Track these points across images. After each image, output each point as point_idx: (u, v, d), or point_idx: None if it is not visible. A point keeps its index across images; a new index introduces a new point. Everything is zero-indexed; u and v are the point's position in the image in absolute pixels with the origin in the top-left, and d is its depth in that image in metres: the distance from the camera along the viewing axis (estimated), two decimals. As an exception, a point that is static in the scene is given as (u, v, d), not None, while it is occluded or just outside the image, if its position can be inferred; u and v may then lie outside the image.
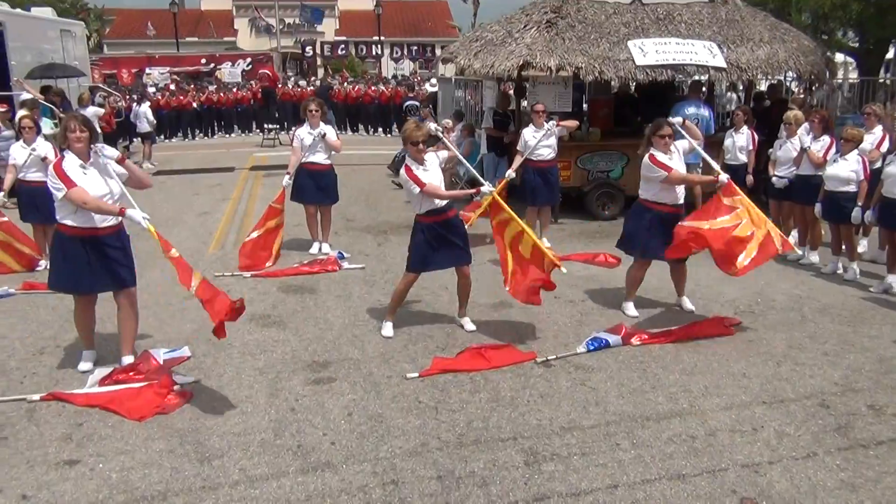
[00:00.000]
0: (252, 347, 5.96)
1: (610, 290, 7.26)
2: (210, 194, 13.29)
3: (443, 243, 5.99)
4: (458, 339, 6.08)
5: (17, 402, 5.01)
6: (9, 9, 15.01)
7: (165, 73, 30.30)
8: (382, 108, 24.15)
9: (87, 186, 5.12)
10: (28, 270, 8.20)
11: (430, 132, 6.04)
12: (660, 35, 10.49)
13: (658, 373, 5.41)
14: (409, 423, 4.69)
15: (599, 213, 10.54)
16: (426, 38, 44.40)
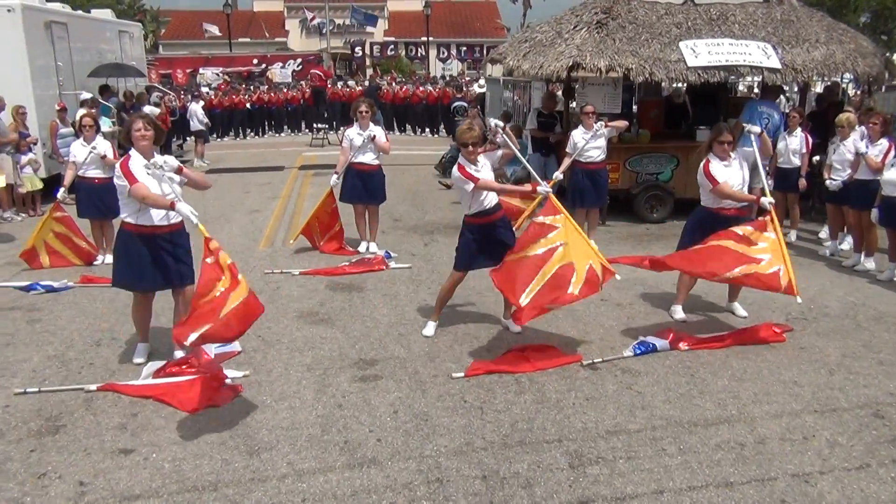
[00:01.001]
0: (300, 344, 6.05)
1: (657, 294, 7.19)
2: (260, 192, 13.52)
3: (489, 244, 6.01)
4: (503, 339, 6.09)
5: (76, 391, 5.17)
6: (70, 10, 15.47)
7: (218, 73, 30.90)
8: (430, 109, 24.26)
9: (149, 184, 5.27)
10: (86, 264, 8.45)
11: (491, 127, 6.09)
12: (713, 36, 10.34)
13: (706, 378, 5.34)
14: (454, 422, 4.72)
15: (648, 215, 10.43)
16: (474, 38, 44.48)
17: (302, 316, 6.71)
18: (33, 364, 5.70)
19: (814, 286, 7.43)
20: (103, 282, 7.62)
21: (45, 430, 4.65)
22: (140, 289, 5.60)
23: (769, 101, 10.34)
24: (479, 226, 5.99)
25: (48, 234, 8.36)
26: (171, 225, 5.44)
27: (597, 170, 8.83)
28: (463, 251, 6.08)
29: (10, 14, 11.89)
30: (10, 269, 8.40)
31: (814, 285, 7.47)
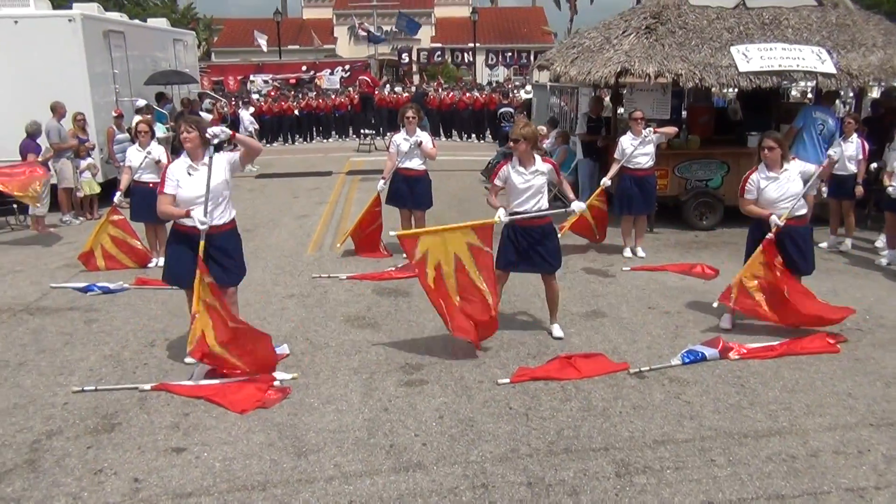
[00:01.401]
0: (347, 348, 6.12)
1: (707, 303, 7.07)
2: (308, 197, 13.70)
3: (528, 248, 6.02)
4: (549, 346, 6.07)
5: (130, 390, 5.32)
6: (127, 20, 15.93)
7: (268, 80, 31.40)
8: (476, 115, 24.30)
9: (188, 187, 5.45)
10: (140, 267, 8.67)
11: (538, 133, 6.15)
12: (765, 40, 10.16)
13: (757, 389, 5.24)
14: (499, 428, 4.72)
15: (697, 223, 10.28)
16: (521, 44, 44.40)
17: (349, 320, 6.79)
18: (90, 363, 5.88)
19: (870, 296, 7.25)
20: (157, 284, 7.82)
21: (102, 427, 4.79)
22: (182, 286, 5.75)
23: (824, 107, 10.13)
24: (515, 227, 6.04)
25: (104, 237, 8.62)
26: (215, 227, 5.54)
27: (645, 176, 8.75)
28: (499, 250, 6.16)
29: (70, 24, 12.30)
30: (69, 271, 8.67)
31: (870, 295, 7.28)
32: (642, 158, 8.67)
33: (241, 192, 14.39)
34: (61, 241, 10.24)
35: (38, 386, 5.45)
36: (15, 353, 6.12)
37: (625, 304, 7.14)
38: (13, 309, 7.33)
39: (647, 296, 7.38)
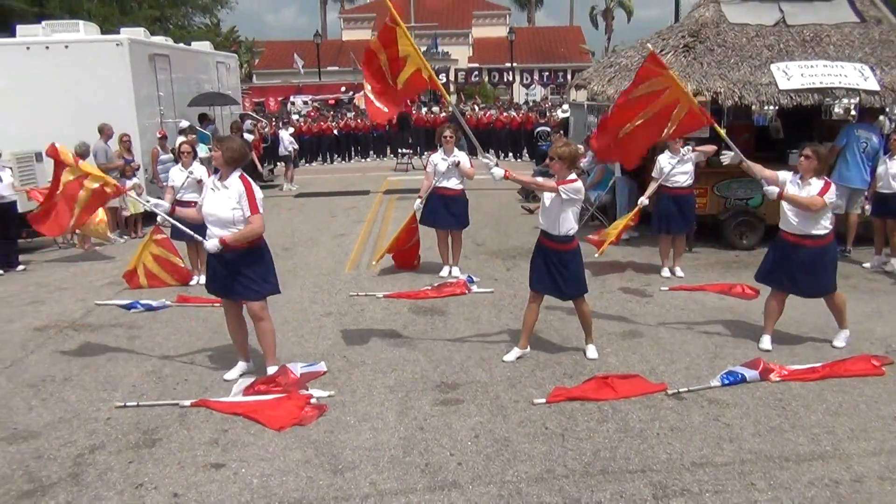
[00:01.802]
0: (384, 366, 6.15)
1: (746, 323, 6.98)
2: (346, 216, 13.84)
3: (552, 270, 5.98)
4: (585, 366, 6.03)
5: (171, 406, 5.41)
6: (172, 43, 16.36)
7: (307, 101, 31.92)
8: (513, 134, 24.35)
9: (208, 202, 5.64)
10: (182, 285, 8.83)
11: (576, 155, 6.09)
12: (806, 58, 10.04)
13: (799, 412, 5.14)
14: (535, 448, 4.70)
15: (737, 242, 10.14)
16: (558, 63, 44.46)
17: (385, 338, 6.83)
18: (133, 379, 6.00)
19: (917, 318, 7.07)
20: (198, 301, 7.97)
21: (143, 442, 4.88)
22: (208, 295, 5.93)
23: (867, 124, 9.95)
24: (540, 245, 6.06)
25: (147, 256, 8.80)
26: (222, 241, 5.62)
27: (683, 195, 8.68)
28: (530, 267, 6.18)
29: (118, 48, 12.68)
30: (113, 288, 8.88)
31: (917, 317, 7.11)
32: (681, 177, 8.60)
33: (281, 210, 14.61)
34: (106, 260, 10.49)
35: (82, 401, 5.58)
36: (60, 369, 6.27)
37: (663, 324, 7.07)
38: (59, 325, 7.52)
39: (685, 316, 7.30)
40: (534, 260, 6.16)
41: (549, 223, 5.93)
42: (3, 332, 7.33)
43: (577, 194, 5.82)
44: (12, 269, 10.02)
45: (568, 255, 5.96)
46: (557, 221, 5.86)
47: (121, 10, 30.22)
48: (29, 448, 4.85)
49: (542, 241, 6.05)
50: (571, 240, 5.95)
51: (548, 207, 5.92)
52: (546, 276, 6.02)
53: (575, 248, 6.00)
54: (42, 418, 5.30)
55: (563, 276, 5.96)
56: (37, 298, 8.61)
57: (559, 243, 5.93)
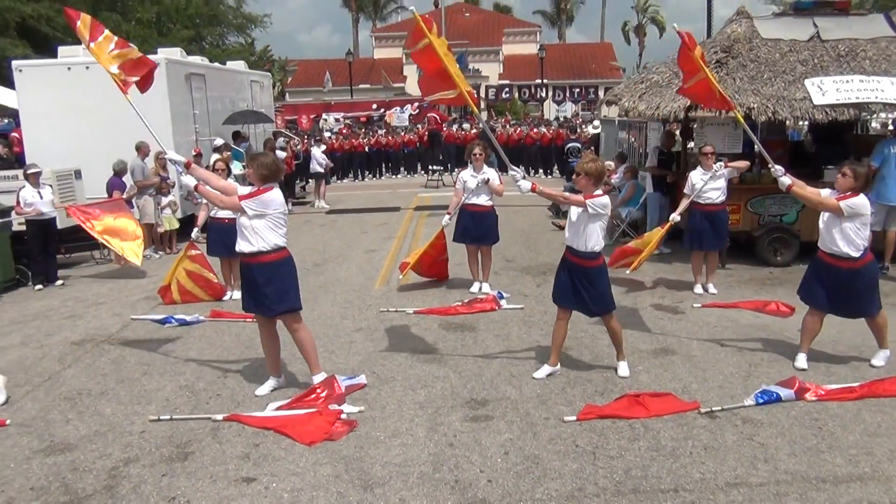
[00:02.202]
0: (413, 382, 6.16)
1: (781, 341, 6.87)
2: (376, 233, 13.92)
3: (577, 286, 5.95)
4: (616, 383, 5.98)
5: (204, 420, 5.47)
6: (208, 62, 16.66)
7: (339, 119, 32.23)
8: (544, 150, 24.34)
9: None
10: (214, 300, 8.95)
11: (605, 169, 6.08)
12: (841, 73, 9.92)
13: (836, 432, 5.04)
14: (565, 466, 4.66)
15: (771, 258, 10.01)
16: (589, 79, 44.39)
17: (415, 354, 6.84)
18: (166, 393, 6.08)
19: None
20: (232, 316, 8.07)
21: (176, 456, 4.94)
22: (245, 310, 6.03)
23: None
24: (565, 259, 6.06)
25: (181, 272, 8.93)
26: (250, 254, 5.71)
27: (716, 211, 8.59)
28: (554, 284, 6.19)
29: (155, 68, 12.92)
30: (149, 303, 9.02)
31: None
32: (713, 193, 8.52)
33: (312, 227, 14.75)
34: (142, 275, 10.66)
35: (117, 414, 5.67)
36: (97, 383, 6.38)
37: (695, 341, 6.99)
38: (96, 339, 7.65)
39: (718, 333, 7.21)
40: (558, 275, 6.14)
41: (574, 238, 5.91)
42: (42, 346, 7.48)
43: (604, 209, 5.79)
44: (51, 283, 10.24)
45: (594, 271, 5.93)
46: (583, 237, 5.84)
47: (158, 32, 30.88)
48: (65, 460, 4.93)
49: (568, 257, 6.04)
50: (597, 256, 5.92)
51: (574, 222, 5.91)
52: (571, 292, 5.99)
53: (601, 265, 5.97)
54: (78, 431, 5.39)
55: (590, 294, 5.93)
56: (75, 313, 8.78)
57: (585, 259, 5.90)
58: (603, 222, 5.89)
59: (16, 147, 16.58)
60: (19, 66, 13.37)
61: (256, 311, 5.86)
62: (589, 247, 5.85)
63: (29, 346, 7.49)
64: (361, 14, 62.69)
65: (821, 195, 6.03)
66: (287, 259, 5.82)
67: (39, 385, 6.38)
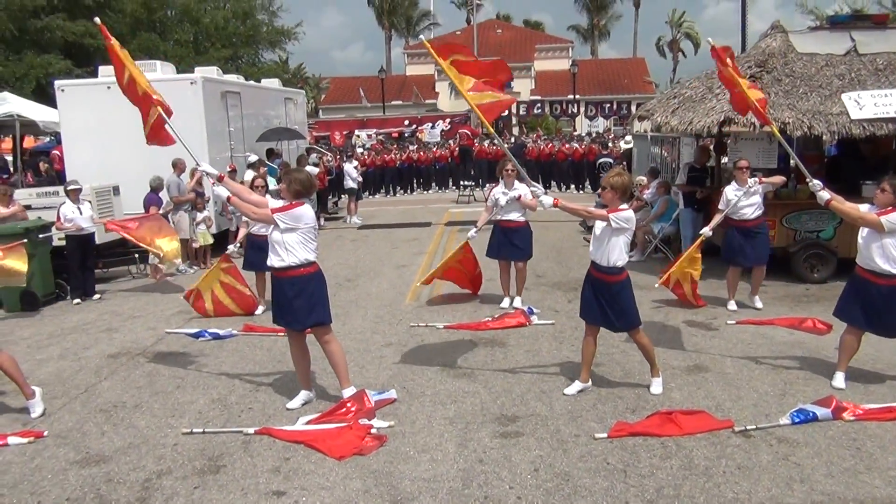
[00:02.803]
0: (443, 397, 6.15)
1: (818, 359, 6.74)
2: (407, 248, 13.97)
3: (602, 301, 5.93)
4: (648, 401, 5.91)
5: (235, 433, 5.52)
6: (243, 80, 16.94)
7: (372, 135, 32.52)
8: (575, 165, 24.27)
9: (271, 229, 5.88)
10: (247, 314, 9.04)
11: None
12: (879, 87, 9.77)
13: (874, 453, 4.92)
14: (596, 483, 4.61)
15: (808, 275, 9.84)
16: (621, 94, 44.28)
17: (445, 369, 6.84)
18: (199, 406, 6.15)
19: None
20: (264, 331, 8.14)
21: (208, 468, 4.99)
22: (275, 324, 6.13)
23: None
24: (588, 276, 6.06)
25: (215, 283, 9.05)
26: (279, 269, 5.78)
27: (751, 227, 8.47)
28: (580, 298, 6.18)
29: (192, 86, 13.21)
30: (183, 317, 9.15)
31: None
32: (747, 209, 8.40)
33: (344, 242, 14.86)
34: (177, 289, 10.81)
35: (150, 427, 5.75)
36: (131, 395, 6.48)
37: (729, 358, 6.89)
38: (131, 353, 7.78)
39: (753, 350, 7.10)
40: (584, 290, 6.14)
41: (598, 253, 5.90)
42: (80, 359, 7.62)
43: (628, 223, 5.75)
44: (89, 297, 10.44)
45: (616, 286, 5.89)
46: (606, 251, 5.82)
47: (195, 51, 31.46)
48: (100, 472, 5.01)
49: (592, 272, 6.02)
50: (620, 271, 5.88)
51: (598, 237, 5.90)
52: (595, 307, 5.97)
53: (624, 280, 5.92)
54: (113, 443, 5.47)
55: (613, 309, 5.90)
56: (111, 326, 8.93)
57: (607, 274, 5.88)
58: (627, 237, 5.85)
59: (56, 164, 17.01)
60: (62, 85, 13.73)
61: (286, 324, 5.93)
62: (612, 261, 5.82)
63: (66, 359, 7.64)
64: (394, 31, 63.33)
65: (860, 210, 5.95)
66: (317, 273, 5.88)
67: (76, 397, 6.49)
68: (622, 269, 5.89)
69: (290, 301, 5.77)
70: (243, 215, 6.91)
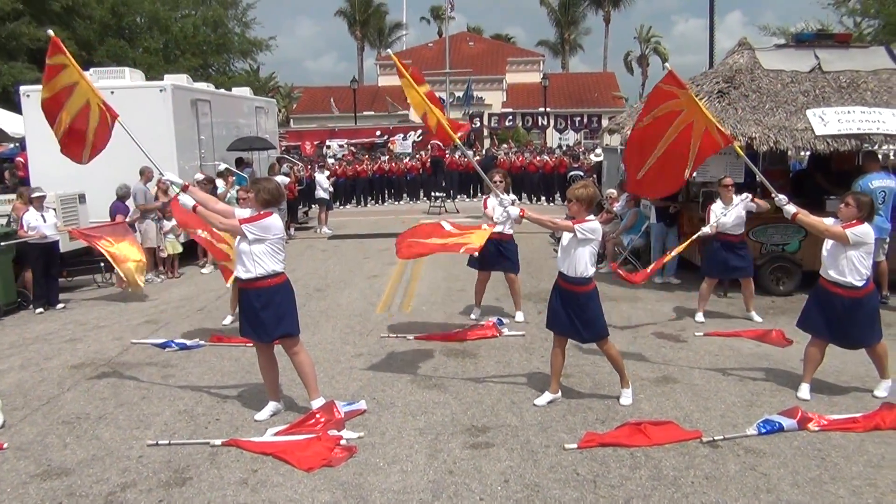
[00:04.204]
0: (413, 408, 6.13)
1: (783, 371, 6.83)
2: (379, 258, 13.92)
3: (569, 312, 5.95)
4: (618, 412, 5.94)
5: (202, 445, 5.43)
6: (213, 89, 16.80)
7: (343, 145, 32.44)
8: (546, 178, 24.42)
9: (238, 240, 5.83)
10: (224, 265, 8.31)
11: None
12: (842, 104, 9.98)
13: (839, 463, 4.99)
14: (566, 494, 4.62)
15: (773, 288, 10.00)
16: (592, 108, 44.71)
17: (416, 380, 6.81)
18: (165, 417, 6.04)
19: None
20: (232, 341, 8.05)
21: (174, 481, 4.90)
22: (242, 335, 6.09)
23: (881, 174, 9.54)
24: (555, 287, 6.10)
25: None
26: (246, 280, 5.74)
27: (734, 241, 8.57)
28: (547, 310, 6.21)
29: (161, 94, 13.08)
30: (149, 327, 9.01)
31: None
32: (734, 225, 8.54)
33: (315, 252, 14.76)
34: (143, 299, 10.65)
35: (115, 439, 5.64)
36: (95, 407, 6.35)
37: (697, 370, 6.95)
38: (95, 363, 7.63)
39: (720, 362, 7.17)
40: (551, 301, 6.17)
41: (565, 263, 5.94)
42: (42, 370, 7.46)
43: (594, 234, 5.81)
44: (52, 307, 10.23)
45: (584, 297, 5.93)
46: (573, 261, 5.86)
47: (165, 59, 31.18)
48: (62, 485, 4.90)
49: (560, 283, 6.06)
50: (588, 282, 5.92)
51: (565, 247, 5.95)
52: (564, 317, 5.98)
53: (591, 291, 5.96)
54: (76, 455, 5.35)
55: (582, 320, 5.93)
56: (75, 336, 8.76)
57: (574, 285, 5.91)
58: (593, 247, 5.90)
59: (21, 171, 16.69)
60: (27, 91, 13.49)
61: (254, 336, 5.85)
62: (578, 272, 5.86)
63: (28, 370, 7.47)
64: (367, 42, 63.39)
65: (825, 223, 6.06)
66: (285, 284, 5.84)
67: (37, 409, 6.35)
68: (590, 280, 5.92)
69: (258, 313, 5.71)
70: (211, 226, 6.76)
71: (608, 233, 12.15)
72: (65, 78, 6.58)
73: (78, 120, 6.66)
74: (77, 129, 6.70)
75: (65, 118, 6.64)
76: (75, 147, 6.86)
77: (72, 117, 6.65)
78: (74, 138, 6.77)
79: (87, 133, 6.71)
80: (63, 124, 6.68)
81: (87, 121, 6.65)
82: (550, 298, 6.17)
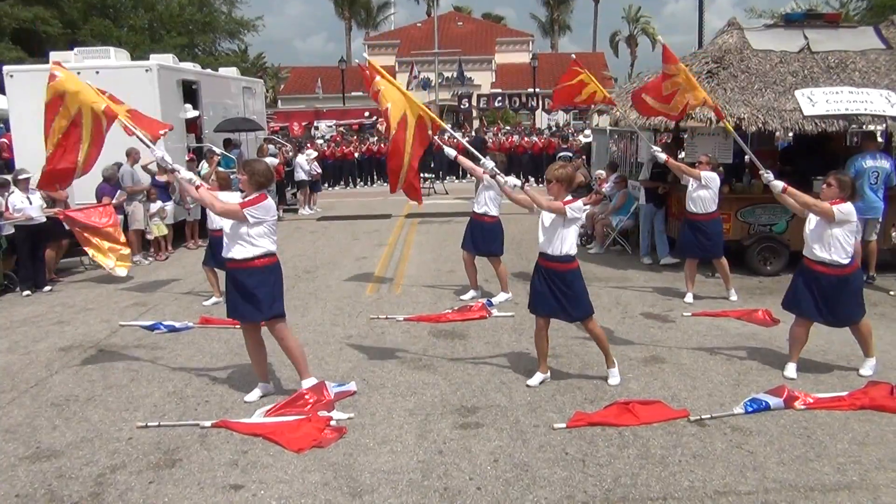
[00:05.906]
0: (403, 389, 6.14)
1: (770, 350, 6.89)
2: (368, 239, 13.91)
3: (556, 292, 5.95)
4: (606, 391, 5.98)
5: (192, 427, 5.44)
6: (200, 69, 16.64)
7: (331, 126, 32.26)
8: (535, 159, 24.40)
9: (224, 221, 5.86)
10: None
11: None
12: (831, 84, 9.99)
13: (824, 441, 5.05)
14: (554, 473, 4.65)
15: (761, 268, 10.05)
16: (581, 89, 44.55)
17: (405, 361, 6.83)
18: (154, 399, 6.04)
19: (946, 346, 6.94)
20: (221, 323, 8.03)
21: (163, 462, 4.90)
22: (230, 317, 6.09)
23: (874, 153, 9.62)
24: (538, 265, 6.09)
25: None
26: (233, 261, 5.74)
27: (703, 220, 8.60)
28: (530, 292, 6.21)
29: (147, 74, 12.94)
30: (138, 310, 8.98)
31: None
32: (698, 202, 8.56)
33: (303, 233, 14.72)
34: (131, 281, 10.60)
35: (104, 421, 5.63)
36: (84, 389, 6.34)
37: (685, 350, 7.00)
38: (84, 346, 7.61)
39: (708, 342, 7.22)
40: (533, 283, 6.14)
41: (549, 243, 5.93)
42: (29, 353, 7.43)
43: (580, 213, 5.90)
44: (39, 290, 10.17)
45: (570, 275, 5.95)
46: (558, 241, 5.87)
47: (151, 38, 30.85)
48: (51, 467, 4.89)
49: (542, 263, 6.04)
50: (572, 259, 5.94)
51: (548, 227, 5.93)
52: (550, 298, 5.97)
53: (576, 269, 5.99)
54: (65, 438, 5.35)
55: (568, 298, 5.94)
56: (62, 319, 8.72)
57: (560, 263, 5.92)
58: (577, 226, 5.96)
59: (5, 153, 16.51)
60: (10, 71, 13.32)
61: (247, 317, 5.83)
62: (564, 251, 5.87)
63: (16, 353, 7.44)
64: (354, 22, 62.85)
65: (812, 199, 6.08)
66: (277, 265, 5.85)
67: (26, 391, 6.33)
68: (574, 258, 5.95)
69: (251, 291, 5.68)
70: (207, 208, 6.66)
71: (597, 214, 12.19)
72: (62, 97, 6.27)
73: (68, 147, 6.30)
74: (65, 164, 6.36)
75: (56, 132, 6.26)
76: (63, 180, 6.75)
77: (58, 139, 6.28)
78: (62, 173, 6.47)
79: (77, 160, 6.39)
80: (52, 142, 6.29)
81: (79, 141, 6.32)
82: (533, 281, 6.16)
